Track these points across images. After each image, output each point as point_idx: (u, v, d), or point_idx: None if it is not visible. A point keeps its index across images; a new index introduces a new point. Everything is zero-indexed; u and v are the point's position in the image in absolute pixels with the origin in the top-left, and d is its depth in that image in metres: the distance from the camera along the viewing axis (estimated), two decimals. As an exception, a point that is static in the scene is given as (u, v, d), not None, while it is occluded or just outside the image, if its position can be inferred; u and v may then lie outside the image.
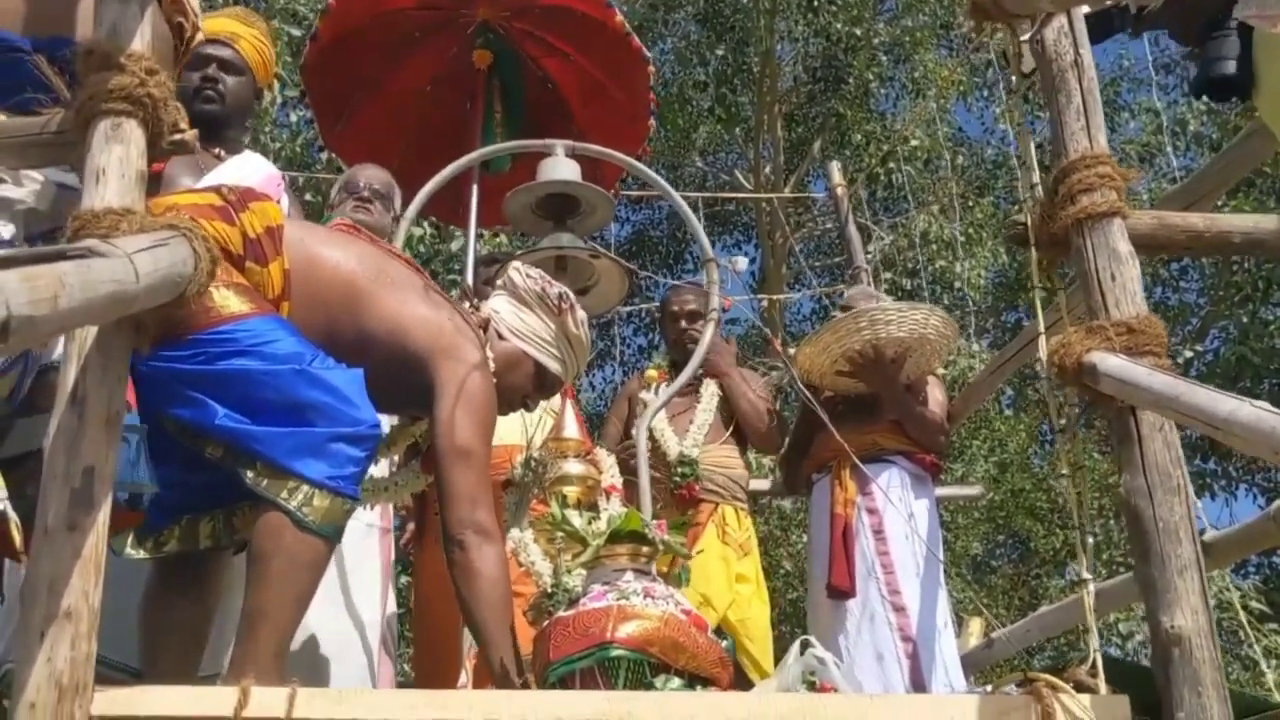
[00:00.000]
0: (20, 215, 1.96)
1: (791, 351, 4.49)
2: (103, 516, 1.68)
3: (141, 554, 2.19)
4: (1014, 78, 2.55)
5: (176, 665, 2.15)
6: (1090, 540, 2.05)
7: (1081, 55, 2.34)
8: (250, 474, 1.97)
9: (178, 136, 1.92)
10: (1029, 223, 2.31)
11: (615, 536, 2.22)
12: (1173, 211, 2.43)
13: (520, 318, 2.56)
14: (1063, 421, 2.31)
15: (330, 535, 2.00)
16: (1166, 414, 1.88)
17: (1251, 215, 2.32)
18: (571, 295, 2.63)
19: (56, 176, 2.08)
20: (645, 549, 2.23)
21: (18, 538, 1.82)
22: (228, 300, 2.03)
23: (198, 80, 3.00)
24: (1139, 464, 1.97)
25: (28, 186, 1.97)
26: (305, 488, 1.96)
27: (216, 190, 2.27)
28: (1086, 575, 1.98)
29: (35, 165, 1.97)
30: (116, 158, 1.82)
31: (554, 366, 2.58)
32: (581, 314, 2.63)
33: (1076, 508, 2.06)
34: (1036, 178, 2.44)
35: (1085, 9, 2.42)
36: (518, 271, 2.63)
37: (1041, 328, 2.31)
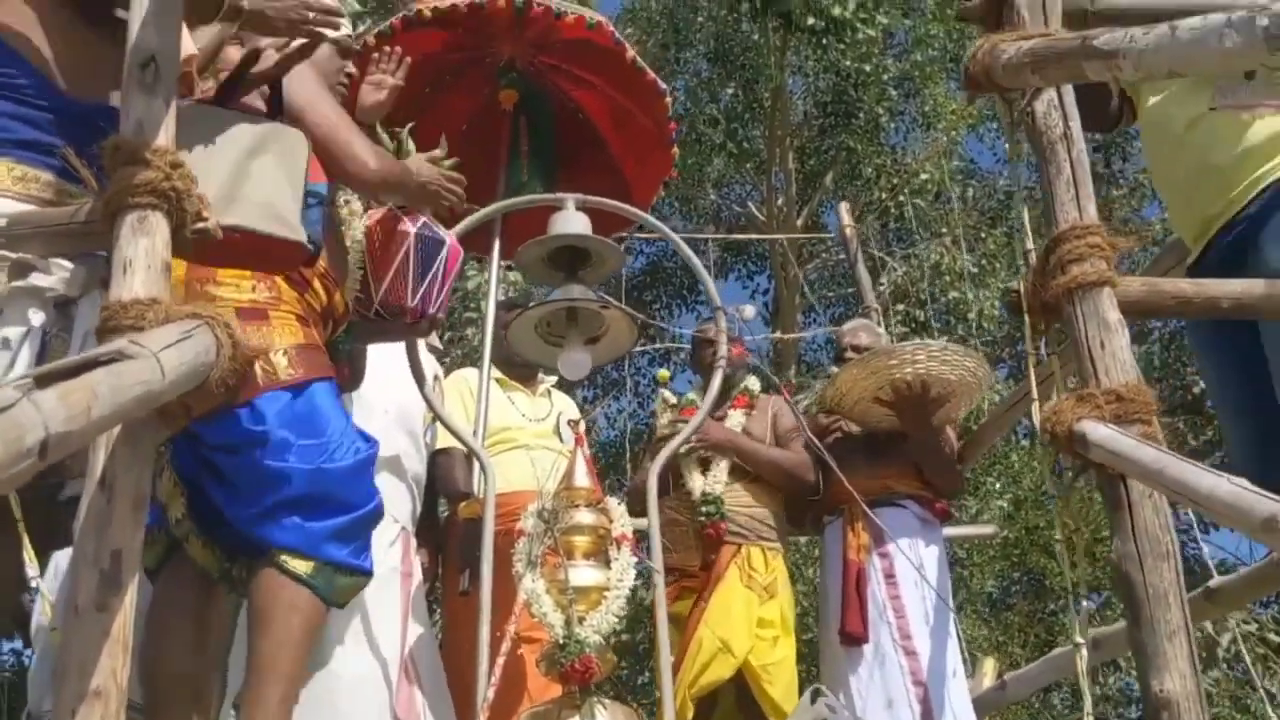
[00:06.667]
0: (50, 303, 2.04)
1: (817, 388, 4.52)
2: (129, 598, 1.75)
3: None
4: (1006, 145, 2.62)
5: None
6: (1085, 604, 2.10)
7: (1070, 127, 2.39)
8: (277, 553, 2.09)
9: (200, 225, 2.01)
10: (1022, 290, 2.37)
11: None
12: (1162, 278, 2.49)
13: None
14: (1060, 480, 2.36)
15: (336, 604, 2.15)
16: (1152, 485, 1.94)
17: (1239, 280, 2.37)
18: None
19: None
20: None
21: (50, 613, 1.90)
22: (280, 365, 2.21)
23: None
24: (1129, 530, 2.02)
25: (57, 274, 2.05)
26: (328, 568, 2.09)
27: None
28: (1079, 640, 2.03)
29: (64, 254, 2.06)
30: (143, 249, 1.90)
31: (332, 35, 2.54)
32: None
33: (1070, 575, 2.11)
34: (1030, 243, 2.50)
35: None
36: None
37: (1035, 392, 2.37)
